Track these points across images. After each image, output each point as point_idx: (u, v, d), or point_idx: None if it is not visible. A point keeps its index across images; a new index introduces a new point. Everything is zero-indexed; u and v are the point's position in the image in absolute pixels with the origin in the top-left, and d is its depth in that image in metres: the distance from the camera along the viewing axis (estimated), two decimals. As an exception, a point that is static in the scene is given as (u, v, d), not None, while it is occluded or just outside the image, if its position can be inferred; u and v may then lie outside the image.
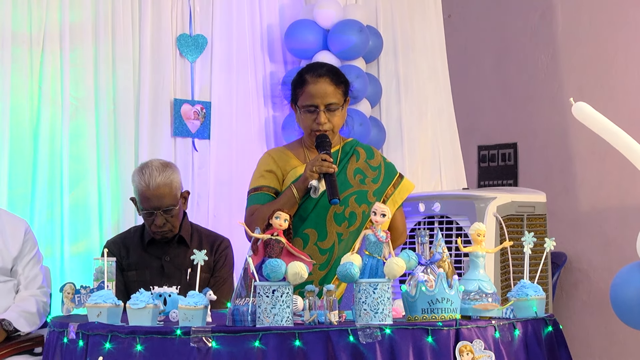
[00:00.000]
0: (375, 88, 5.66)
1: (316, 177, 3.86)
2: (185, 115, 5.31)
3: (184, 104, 5.33)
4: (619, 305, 3.87)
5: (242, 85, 5.49)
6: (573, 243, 6.00)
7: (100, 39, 5.09)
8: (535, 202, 5.09)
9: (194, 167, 5.34)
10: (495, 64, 6.47)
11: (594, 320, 5.94)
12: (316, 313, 3.17)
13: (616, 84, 5.87)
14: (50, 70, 4.96)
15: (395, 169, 4.15)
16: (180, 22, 5.35)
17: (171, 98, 5.28)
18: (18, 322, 4.09)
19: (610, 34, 5.91)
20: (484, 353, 3.18)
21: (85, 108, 5.03)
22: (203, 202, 5.33)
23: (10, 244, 4.24)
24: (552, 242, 3.54)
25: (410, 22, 5.82)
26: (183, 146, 5.33)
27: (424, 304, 3.21)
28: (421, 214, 5.04)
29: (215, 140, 5.39)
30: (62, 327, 3.34)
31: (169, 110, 5.27)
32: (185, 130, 5.32)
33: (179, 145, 5.32)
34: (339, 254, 3.88)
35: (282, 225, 3.21)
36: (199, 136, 5.36)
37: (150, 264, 4.42)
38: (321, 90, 3.98)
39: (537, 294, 3.43)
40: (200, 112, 5.34)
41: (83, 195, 5.01)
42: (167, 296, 3.47)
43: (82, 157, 5.03)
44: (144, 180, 4.33)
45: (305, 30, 5.57)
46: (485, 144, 6.50)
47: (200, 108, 5.34)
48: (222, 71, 5.44)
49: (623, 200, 5.82)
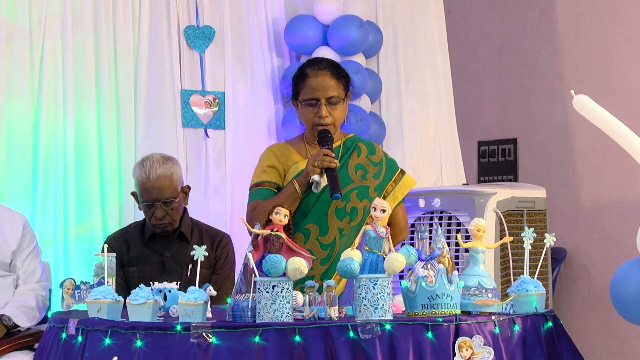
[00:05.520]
0: (375, 83, 5.66)
1: (318, 171, 3.86)
2: (196, 105, 5.31)
3: (194, 94, 5.33)
4: (619, 301, 3.88)
5: (256, 76, 5.50)
6: (573, 238, 6.00)
7: (101, 29, 5.09)
8: (535, 197, 5.09)
9: (207, 157, 5.35)
10: (495, 59, 6.46)
11: (594, 315, 5.94)
12: (316, 308, 3.18)
13: (616, 79, 5.87)
14: (51, 63, 4.95)
15: (397, 165, 4.16)
16: (186, 14, 5.35)
17: (178, 89, 5.28)
18: (18, 317, 4.10)
19: (611, 29, 5.91)
20: (483, 349, 3.19)
21: (86, 100, 5.03)
22: (220, 191, 5.34)
23: (9, 238, 4.24)
24: (552, 237, 3.54)
25: (410, 17, 5.82)
26: (194, 137, 5.33)
27: (424, 299, 3.22)
28: (421, 210, 5.04)
29: (231, 130, 5.39)
30: (62, 322, 3.34)
31: (174, 101, 5.26)
32: (196, 120, 5.32)
33: (188, 135, 5.32)
34: (340, 249, 3.88)
35: (282, 221, 3.21)
36: (213, 126, 5.36)
37: (150, 259, 4.43)
38: (322, 84, 3.98)
39: (537, 289, 3.43)
40: (213, 102, 5.34)
41: (85, 188, 5.01)
42: (167, 292, 3.47)
43: (84, 149, 5.03)
44: (145, 172, 4.34)
45: (304, 25, 5.56)
46: (485, 140, 6.50)
47: (212, 98, 5.34)
48: (236, 62, 5.44)
49: (623, 196, 5.82)
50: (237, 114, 5.41)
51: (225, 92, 5.40)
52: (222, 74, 5.42)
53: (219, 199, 5.34)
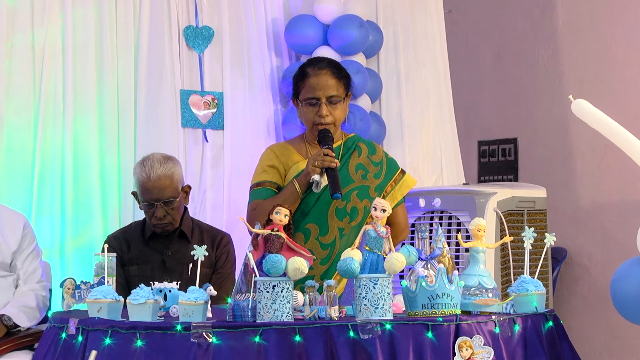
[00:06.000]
0: (376, 83, 5.66)
1: (318, 171, 3.86)
2: (195, 105, 5.31)
3: (193, 94, 5.32)
4: (619, 300, 3.88)
5: (255, 76, 5.49)
6: (573, 238, 6.00)
7: (102, 29, 5.09)
8: (535, 197, 5.09)
9: (205, 157, 5.34)
10: (495, 59, 6.46)
11: (594, 315, 5.93)
12: (316, 308, 3.18)
13: (616, 79, 5.86)
14: (51, 62, 4.95)
15: (397, 165, 4.15)
16: (185, 15, 5.35)
17: (177, 89, 5.28)
18: (18, 317, 4.09)
19: (611, 29, 5.90)
20: (483, 349, 3.19)
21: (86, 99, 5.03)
22: (217, 191, 5.33)
23: (9, 239, 4.24)
24: (552, 237, 3.54)
25: (410, 17, 5.82)
26: (192, 137, 5.32)
27: (424, 299, 3.22)
28: (421, 209, 5.04)
29: (229, 130, 5.39)
30: (62, 322, 3.34)
31: (173, 102, 5.26)
32: (195, 120, 5.31)
33: (187, 135, 5.31)
34: (340, 248, 3.88)
35: (282, 221, 3.21)
36: (212, 126, 5.36)
37: (151, 258, 4.43)
38: (323, 83, 3.98)
39: (538, 289, 3.43)
40: (212, 103, 5.33)
41: (85, 189, 5.01)
42: (168, 291, 3.47)
43: (84, 150, 5.02)
44: (145, 172, 4.33)
45: (305, 25, 5.56)
46: (485, 139, 6.50)
47: (211, 99, 5.34)
48: (234, 62, 5.44)
49: (623, 195, 5.82)
50: (236, 114, 5.41)
51: (224, 93, 5.39)
52: (220, 74, 5.41)
53: (217, 199, 5.33)
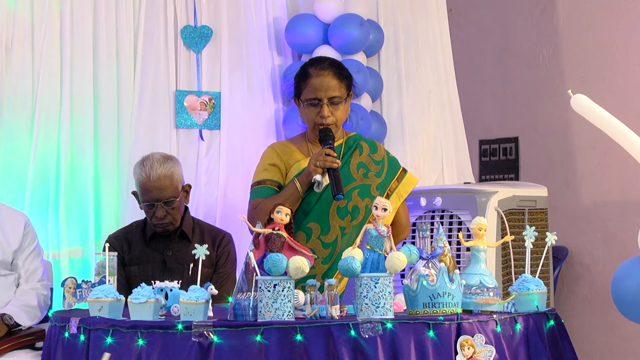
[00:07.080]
0: (376, 82, 5.66)
1: (320, 171, 3.86)
2: (191, 106, 5.30)
3: (189, 95, 5.31)
4: (621, 299, 3.87)
5: (254, 76, 5.48)
6: (574, 237, 6.00)
7: (100, 28, 5.08)
8: (536, 196, 5.09)
9: (200, 158, 5.33)
10: (496, 58, 6.46)
11: (595, 314, 5.93)
12: (317, 307, 3.17)
13: (617, 77, 5.86)
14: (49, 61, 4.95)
15: (399, 163, 4.15)
16: (184, 14, 5.34)
17: (173, 89, 5.27)
18: (19, 316, 4.10)
19: (612, 27, 5.90)
20: (484, 347, 3.19)
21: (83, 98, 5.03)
22: (211, 192, 5.32)
23: (11, 238, 4.24)
24: (553, 236, 3.54)
25: (411, 16, 5.81)
26: (187, 137, 5.31)
27: (426, 298, 3.22)
28: (422, 208, 5.04)
29: (226, 130, 5.38)
30: (64, 321, 3.34)
31: (169, 102, 5.25)
32: (190, 121, 5.30)
33: (182, 136, 5.30)
34: (341, 247, 3.88)
35: (283, 220, 3.21)
36: (208, 127, 5.34)
37: (152, 258, 4.43)
38: (324, 84, 3.99)
39: (539, 288, 3.43)
40: (208, 103, 5.33)
41: (80, 190, 5.00)
42: (169, 291, 3.47)
43: (80, 149, 5.01)
44: (145, 172, 4.33)
45: (305, 24, 5.55)
46: (486, 138, 6.49)
47: (208, 99, 5.33)
48: (233, 61, 5.43)
49: (624, 194, 5.81)
50: (233, 114, 5.39)
51: (221, 92, 5.39)
52: (218, 73, 5.40)
53: (213, 199, 5.32)
